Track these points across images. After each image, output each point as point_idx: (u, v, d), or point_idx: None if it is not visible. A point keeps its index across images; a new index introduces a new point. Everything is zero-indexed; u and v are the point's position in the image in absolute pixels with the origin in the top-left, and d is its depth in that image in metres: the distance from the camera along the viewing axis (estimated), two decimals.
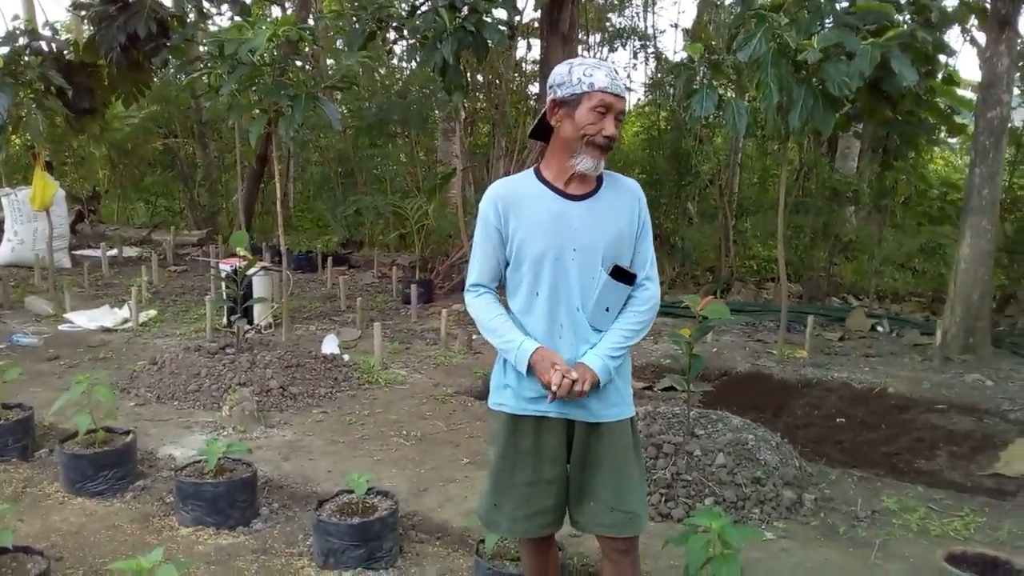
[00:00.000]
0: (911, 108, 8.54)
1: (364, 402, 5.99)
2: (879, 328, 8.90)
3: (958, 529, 4.13)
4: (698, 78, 7.16)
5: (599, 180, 2.71)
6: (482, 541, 3.58)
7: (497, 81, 13.69)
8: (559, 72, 2.64)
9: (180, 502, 4.11)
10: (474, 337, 7.58)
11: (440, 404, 5.98)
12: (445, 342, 7.61)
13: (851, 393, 6.61)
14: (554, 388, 2.53)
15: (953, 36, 15.31)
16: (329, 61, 12.97)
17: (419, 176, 13.38)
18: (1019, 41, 8.04)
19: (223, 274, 6.95)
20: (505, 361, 2.73)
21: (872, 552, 3.88)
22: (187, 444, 5.03)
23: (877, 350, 8.02)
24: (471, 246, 2.82)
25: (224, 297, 6.85)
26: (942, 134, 9.59)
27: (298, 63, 6.90)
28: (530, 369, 2.60)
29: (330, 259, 11.09)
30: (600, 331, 2.68)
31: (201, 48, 9.65)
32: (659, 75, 13.29)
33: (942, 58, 8.74)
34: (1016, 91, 8.84)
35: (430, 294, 9.69)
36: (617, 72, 2.67)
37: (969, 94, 10.31)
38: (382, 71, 15.09)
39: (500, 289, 2.81)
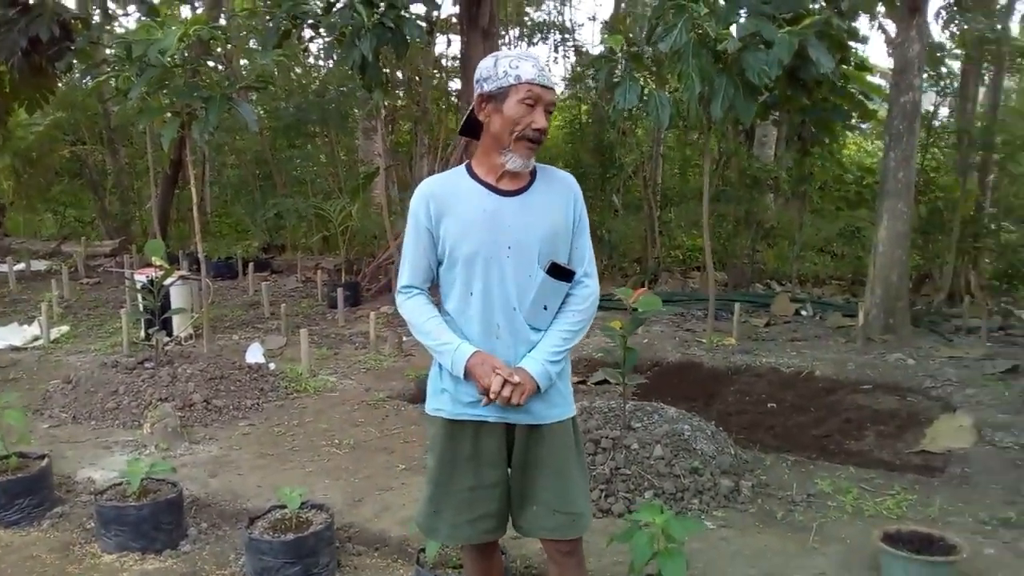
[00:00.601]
0: (826, 95, 8.70)
1: (293, 412, 5.82)
2: (803, 312, 9.08)
3: (891, 508, 4.20)
4: (619, 70, 7.15)
5: (532, 174, 2.64)
6: (422, 550, 3.48)
7: (417, 78, 13.54)
8: (485, 66, 2.56)
9: (102, 528, 3.90)
10: (404, 339, 7.45)
11: (372, 410, 5.85)
12: (375, 346, 7.47)
13: (780, 378, 6.71)
14: (492, 395, 2.46)
15: (861, 23, 15.70)
16: (243, 61, 12.63)
17: (340, 177, 13.15)
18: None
19: (139, 285, 6.68)
20: (441, 365, 2.64)
21: (810, 536, 3.91)
22: (107, 466, 4.80)
23: (802, 334, 8.17)
24: (397, 247, 2.72)
25: (141, 309, 6.58)
26: (855, 120, 9.81)
27: (210, 64, 6.64)
28: (467, 373, 2.52)
29: (251, 265, 10.80)
30: (539, 330, 2.61)
31: (107, 51, 9.28)
32: (579, 68, 13.31)
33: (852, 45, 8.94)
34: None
35: (357, 297, 9.52)
36: (545, 63, 2.61)
37: (877, 80, 10.61)
38: (298, 70, 14.80)
39: (433, 289, 2.73)
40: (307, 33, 9.32)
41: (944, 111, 10.91)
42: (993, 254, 9.75)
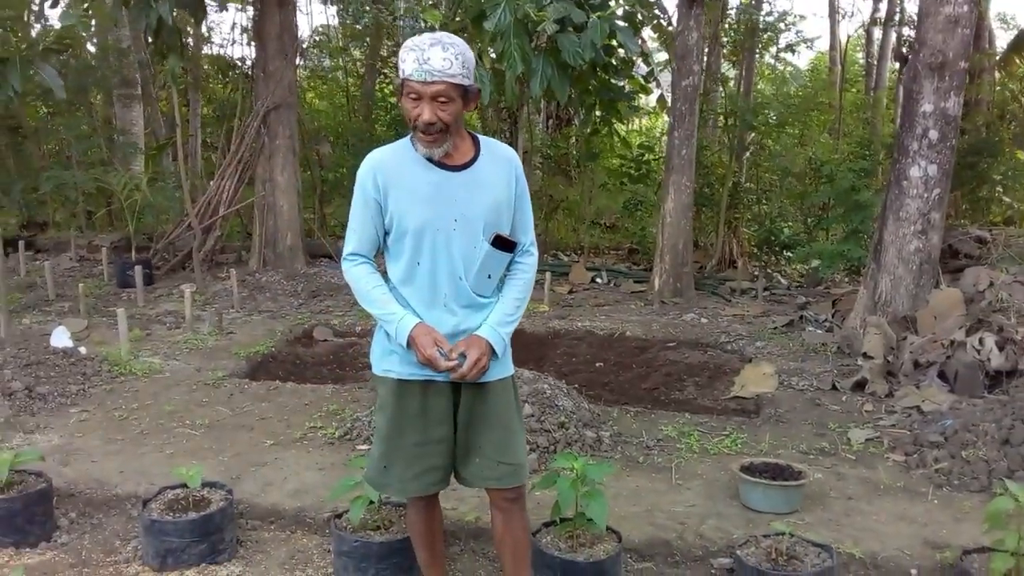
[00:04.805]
0: (611, 76, 9.31)
1: (126, 396, 5.49)
2: (598, 280, 9.73)
3: (729, 446, 4.75)
4: None
5: (477, 148, 2.75)
6: (338, 516, 3.53)
7: (190, 42, 12.81)
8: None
9: None
10: (225, 316, 7.19)
11: (214, 389, 5.65)
12: (191, 325, 7.13)
13: (597, 340, 7.23)
14: (445, 367, 2.59)
15: None
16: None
17: (103, 148, 12.19)
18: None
19: None
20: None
21: (671, 475, 4.36)
22: None
23: (603, 299, 8.79)
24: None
25: None
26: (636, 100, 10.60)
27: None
28: (409, 343, 2.63)
29: (21, 244, 9.82)
30: (483, 296, 2.76)
31: None
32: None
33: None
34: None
35: (150, 275, 8.97)
36: (443, 48, 2.47)
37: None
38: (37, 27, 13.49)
39: (377, 256, 2.80)
40: None
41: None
42: (752, 224, 10.95)
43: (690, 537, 3.69)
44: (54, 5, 8.02)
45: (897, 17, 14.57)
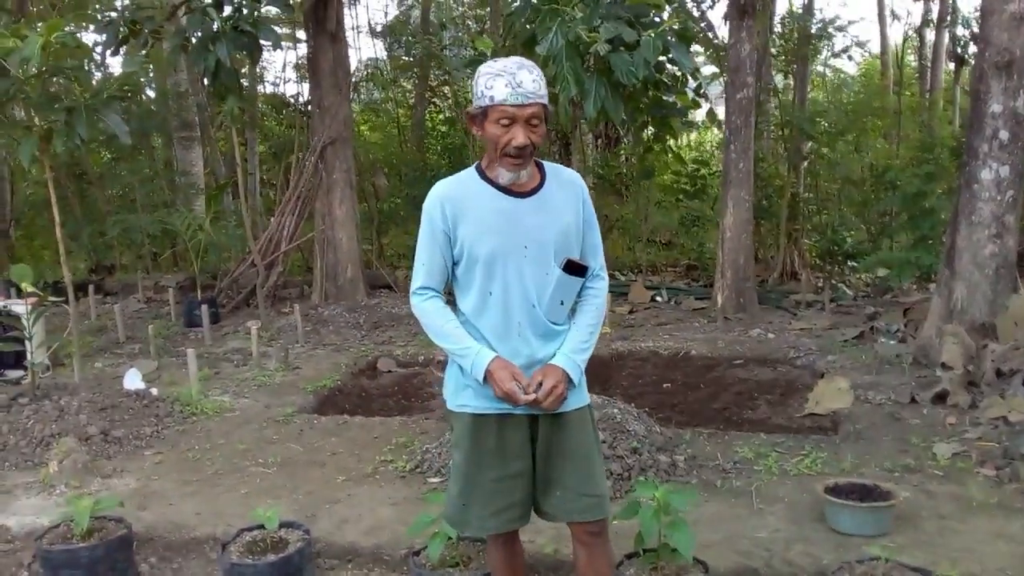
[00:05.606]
0: (664, 93, 9.23)
1: (199, 436, 5.55)
2: (658, 298, 9.62)
3: (809, 466, 4.61)
4: None
5: (542, 174, 2.73)
6: (415, 552, 3.49)
7: (245, 82, 13.09)
8: (473, 82, 2.62)
9: (50, 574, 3.61)
10: (290, 351, 7.25)
11: (284, 426, 5.68)
12: (257, 362, 7.21)
13: (662, 360, 7.12)
14: (523, 401, 2.55)
15: None
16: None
17: (165, 190, 12.49)
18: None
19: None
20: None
21: (752, 499, 4.24)
22: (18, 511, 4.39)
23: (665, 318, 8.67)
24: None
25: None
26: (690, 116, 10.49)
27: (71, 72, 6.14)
28: (487, 377, 2.58)
29: (91, 288, 10.07)
30: (556, 323, 2.71)
31: None
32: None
33: None
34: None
35: (216, 314, 9.11)
36: (529, 71, 2.52)
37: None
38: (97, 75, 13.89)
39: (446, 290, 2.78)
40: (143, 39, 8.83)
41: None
42: (813, 235, 10.73)
43: (778, 564, 3.57)
44: (115, 53, 8.27)
45: (949, 18, 14.24)
